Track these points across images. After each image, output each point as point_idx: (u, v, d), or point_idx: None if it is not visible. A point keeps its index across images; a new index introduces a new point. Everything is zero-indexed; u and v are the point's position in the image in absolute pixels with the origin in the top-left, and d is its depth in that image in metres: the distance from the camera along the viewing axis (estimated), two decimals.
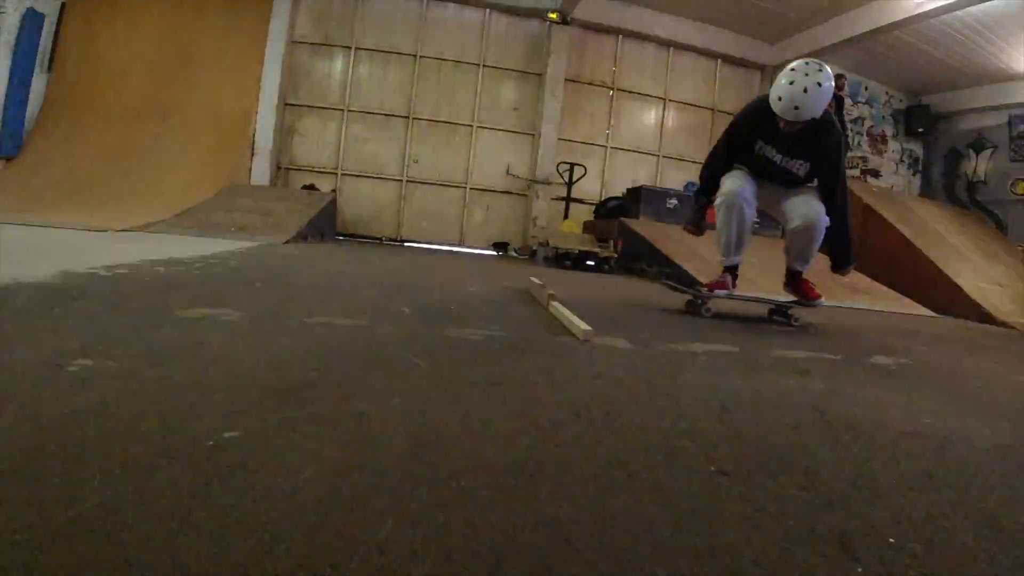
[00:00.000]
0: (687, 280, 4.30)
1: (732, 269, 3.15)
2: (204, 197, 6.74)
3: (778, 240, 3.28)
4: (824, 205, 2.91)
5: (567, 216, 8.49)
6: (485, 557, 0.61)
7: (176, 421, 0.90)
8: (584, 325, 1.97)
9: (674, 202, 7.35)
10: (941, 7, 7.33)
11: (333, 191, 8.74)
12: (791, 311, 3.12)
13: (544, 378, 1.40)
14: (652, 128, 10.10)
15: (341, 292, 2.70)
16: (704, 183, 3.16)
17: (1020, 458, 1.19)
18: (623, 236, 6.89)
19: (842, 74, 8.62)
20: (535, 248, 8.36)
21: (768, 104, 2.76)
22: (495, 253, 9.16)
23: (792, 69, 2.69)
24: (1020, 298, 6.09)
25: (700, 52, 9.99)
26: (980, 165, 10.58)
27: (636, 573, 0.62)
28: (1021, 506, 0.91)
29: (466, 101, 9.36)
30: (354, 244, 7.75)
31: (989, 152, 10.44)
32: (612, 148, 9.89)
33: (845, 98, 8.83)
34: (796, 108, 2.66)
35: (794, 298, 3.18)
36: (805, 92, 2.63)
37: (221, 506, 0.66)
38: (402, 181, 9.23)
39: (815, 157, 2.89)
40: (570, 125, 9.55)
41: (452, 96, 9.34)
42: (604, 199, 8.85)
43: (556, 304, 2.45)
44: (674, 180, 9.65)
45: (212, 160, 8.04)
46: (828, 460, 1.03)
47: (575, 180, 8.64)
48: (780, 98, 2.68)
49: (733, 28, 9.64)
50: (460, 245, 9.33)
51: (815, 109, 2.68)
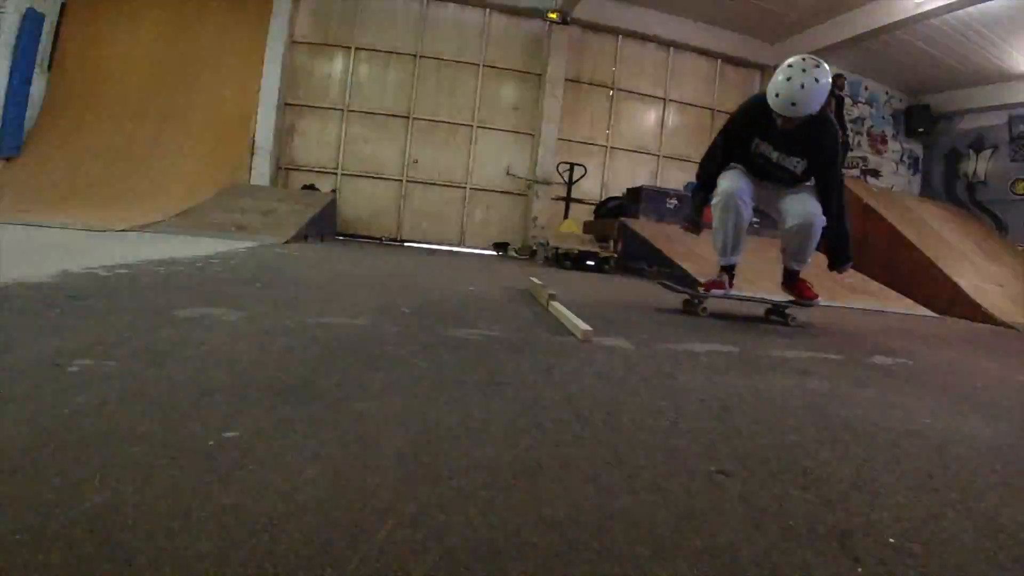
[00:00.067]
0: (687, 280, 4.30)
1: (729, 269, 3.15)
2: (204, 197, 6.72)
3: (778, 240, 3.28)
4: (821, 204, 2.91)
5: (567, 216, 8.49)
6: (485, 557, 0.61)
7: (176, 421, 0.90)
8: (584, 325, 1.96)
9: (674, 202, 7.34)
10: (941, 7, 7.33)
11: (333, 191, 8.73)
12: (788, 311, 3.12)
13: (544, 378, 1.40)
14: (652, 128, 10.10)
15: (341, 292, 2.70)
16: (701, 181, 3.15)
17: (1020, 458, 1.19)
18: (623, 236, 6.88)
19: (842, 74, 8.60)
20: (535, 248, 8.36)
21: (765, 101, 2.75)
22: (495, 253, 9.15)
23: (789, 65, 2.68)
24: (1020, 298, 6.09)
25: (700, 52, 10.00)
26: (980, 165, 10.58)
27: (636, 573, 0.62)
28: (1021, 506, 0.91)
29: (466, 101, 9.36)
30: (354, 244, 7.75)
31: (989, 152, 10.44)
32: (612, 148, 9.89)
33: (845, 98, 8.83)
34: (793, 104, 2.65)
35: (791, 298, 3.18)
36: (802, 88, 2.62)
37: (221, 506, 0.66)
38: (402, 181, 9.23)
39: (812, 154, 2.88)
40: (570, 125, 9.54)
41: (452, 96, 9.33)
42: (604, 199, 8.84)
43: (556, 304, 2.45)
44: (674, 180, 9.63)
45: (212, 160, 8.04)
46: (828, 460, 1.03)
47: (575, 180, 8.63)
48: (777, 94, 2.67)
49: (733, 28, 9.65)
50: (460, 245, 9.32)
51: (812, 105, 2.67)
